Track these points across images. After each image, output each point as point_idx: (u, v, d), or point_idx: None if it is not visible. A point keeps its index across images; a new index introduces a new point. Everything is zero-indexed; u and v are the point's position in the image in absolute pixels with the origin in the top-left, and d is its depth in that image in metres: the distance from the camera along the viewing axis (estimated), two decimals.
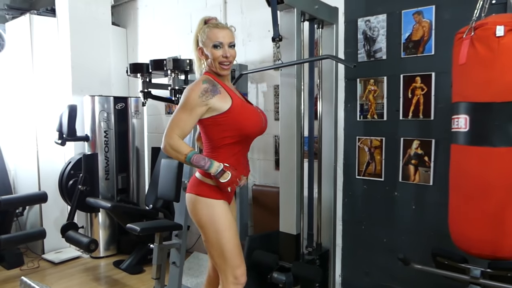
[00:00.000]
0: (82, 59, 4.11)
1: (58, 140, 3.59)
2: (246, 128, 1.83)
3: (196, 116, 1.77)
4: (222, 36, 1.80)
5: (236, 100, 1.83)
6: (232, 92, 1.87)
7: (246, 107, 1.88)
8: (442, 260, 1.85)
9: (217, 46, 1.79)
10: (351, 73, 2.86)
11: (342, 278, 3.03)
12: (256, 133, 1.91)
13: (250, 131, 1.86)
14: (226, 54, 1.79)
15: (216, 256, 1.89)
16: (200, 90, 1.74)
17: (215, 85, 1.80)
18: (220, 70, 1.82)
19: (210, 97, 1.76)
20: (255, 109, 1.94)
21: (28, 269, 3.76)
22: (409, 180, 2.66)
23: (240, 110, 1.82)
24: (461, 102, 1.73)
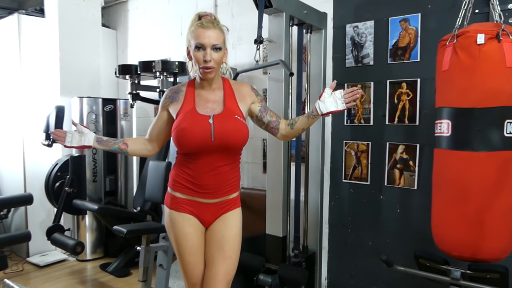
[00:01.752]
0: (71, 60, 4.09)
1: (45, 141, 3.56)
2: (175, 140, 1.66)
3: (161, 120, 1.77)
4: (204, 36, 1.58)
5: (185, 109, 1.67)
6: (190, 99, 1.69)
7: (189, 116, 1.64)
8: (424, 261, 1.88)
9: (199, 47, 1.59)
10: (339, 78, 2.89)
11: (328, 281, 3.05)
12: (191, 148, 1.63)
13: (179, 145, 1.66)
14: (206, 58, 1.57)
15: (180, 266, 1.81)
16: (164, 96, 1.77)
17: (178, 92, 1.73)
18: (202, 74, 1.63)
19: (168, 103, 1.73)
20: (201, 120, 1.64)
21: (12, 273, 3.71)
22: (394, 184, 2.70)
23: (181, 119, 1.65)
24: (444, 108, 1.77)
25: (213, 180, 1.67)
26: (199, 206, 1.71)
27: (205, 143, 1.61)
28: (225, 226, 1.74)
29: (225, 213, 1.76)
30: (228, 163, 1.70)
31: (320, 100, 1.73)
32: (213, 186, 1.68)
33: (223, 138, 1.62)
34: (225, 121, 1.65)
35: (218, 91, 1.72)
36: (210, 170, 1.66)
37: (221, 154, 1.66)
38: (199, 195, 1.69)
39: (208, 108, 1.68)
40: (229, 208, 1.77)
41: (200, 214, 1.72)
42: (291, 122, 1.82)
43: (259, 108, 1.81)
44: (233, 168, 1.74)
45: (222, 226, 1.74)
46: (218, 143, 1.62)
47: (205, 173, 1.66)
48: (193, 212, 1.71)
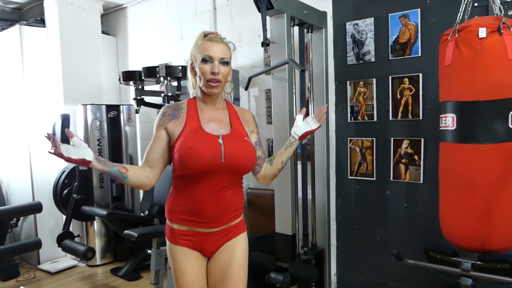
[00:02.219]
0: (73, 69, 4.13)
1: (52, 150, 3.58)
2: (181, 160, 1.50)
3: (159, 141, 1.58)
4: (213, 49, 1.54)
5: (189, 127, 1.55)
6: (194, 116, 1.58)
7: (196, 135, 1.53)
8: (434, 254, 1.91)
9: (206, 60, 1.53)
10: (341, 76, 2.93)
11: (338, 277, 3.08)
12: (198, 170, 1.50)
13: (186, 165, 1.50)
14: (214, 70, 1.51)
15: None
16: (160, 115, 1.61)
17: (178, 109, 1.60)
18: (207, 88, 1.54)
19: (167, 121, 1.58)
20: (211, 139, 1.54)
21: (24, 280, 3.74)
22: (400, 179, 2.73)
23: (186, 136, 1.53)
24: (448, 102, 1.80)
25: (214, 206, 1.55)
26: (200, 236, 1.58)
27: (214, 164, 1.50)
28: (229, 256, 1.63)
29: (228, 240, 1.64)
30: (232, 186, 1.58)
31: (294, 127, 1.78)
32: (215, 214, 1.56)
33: (233, 160, 1.53)
34: (234, 142, 1.56)
35: (222, 111, 1.65)
36: (212, 195, 1.54)
37: (226, 177, 1.55)
38: (200, 225, 1.56)
39: (214, 127, 1.58)
40: (233, 235, 1.64)
41: (202, 244, 1.60)
42: (270, 159, 1.77)
43: (255, 140, 1.72)
44: (237, 192, 1.63)
45: (226, 255, 1.62)
46: (228, 164, 1.52)
47: (206, 198, 1.54)
48: (193, 244, 1.59)
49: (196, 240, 1.59)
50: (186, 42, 3.91)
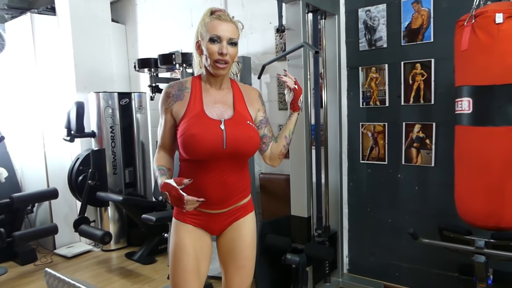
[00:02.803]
0: (84, 57, 4.17)
1: (67, 137, 3.66)
2: (183, 146, 1.50)
3: (168, 124, 1.57)
4: (221, 29, 1.48)
5: (192, 110, 1.53)
6: (197, 99, 1.55)
7: (198, 120, 1.51)
8: (448, 233, 1.98)
9: (214, 40, 1.47)
10: (353, 61, 2.97)
11: (349, 258, 3.17)
12: (201, 156, 1.49)
13: (188, 151, 1.50)
14: (223, 51, 1.47)
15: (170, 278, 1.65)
16: (164, 95, 1.57)
17: (182, 89, 1.56)
18: (214, 69, 1.51)
19: (172, 103, 1.55)
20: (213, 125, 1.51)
21: (42, 264, 3.84)
22: (411, 163, 2.79)
23: (186, 122, 1.50)
24: (464, 86, 1.85)
25: (220, 190, 1.54)
26: (207, 216, 1.59)
27: (216, 151, 1.48)
28: (237, 235, 1.63)
29: (236, 220, 1.63)
30: (236, 170, 1.56)
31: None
32: (220, 197, 1.55)
33: (235, 146, 1.50)
34: (237, 128, 1.53)
35: (227, 91, 1.61)
36: (217, 180, 1.53)
37: (230, 162, 1.53)
38: (207, 207, 1.55)
39: (217, 110, 1.56)
40: (240, 215, 1.64)
41: (208, 224, 1.61)
42: (275, 137, 1.72)
43: (261, 118, 1.68)
44: (242, 175, 1.60)
45: (234, 234, 1.63)
46: (230, 151, 1.50)
47: (212, 183, 1.53)
48: (200, 223, 1.60)
49: (203, 219, 1.59)
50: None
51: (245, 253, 1.65)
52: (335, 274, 3.02)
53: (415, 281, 2.85)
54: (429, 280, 2.78)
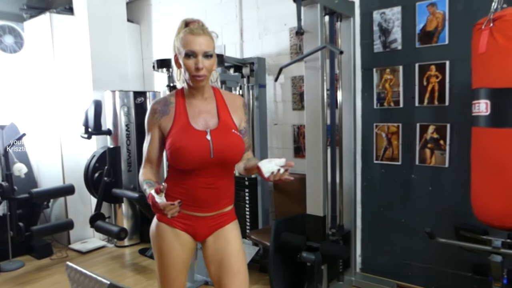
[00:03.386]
0: (101, 56, 4.24)
1: (84, 135, 3.74)
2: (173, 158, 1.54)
3: (155, 139, 1.60)
4: (195, 43, 1.50)
5: (178, 123, 1.57)
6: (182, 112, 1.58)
7: (184, 132, 1.55)
8: (465, 233, 2.02)
9: (190, 55, 1.50)
10: (368, 63, 3.01)
11: (362, 257, 3.20)
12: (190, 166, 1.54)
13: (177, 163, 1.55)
14: (198, 65, 1.50)
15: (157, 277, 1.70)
16: (151, 112, 1.60)
17: (167, 104, 1.60)
18: (193, 83, 1.55)
19: (159, 118, 1.58)
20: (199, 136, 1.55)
21: (57, 259, 3.92)
22: (425, 163, 2.83)
23: (173, 135, 1.55)
24: (482, 88, 1.89)
25: (209, 194, 1.60)
26: (193, 219, 1.62)
27: (203, 160, 1.53)
28: (226, 241, 1.65)
29: (221, 227, 1.67)
30: (223, 176, 1.63)
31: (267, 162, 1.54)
32: (209, 201, 1.61)
33: (222, 155, 1.55)
34: (222, 137, 1.57)
35: (210, 100, 1.64)
36: (206, 185, 1.58)
37: (218, 168, 1.59)
38: (194, 209, 1.61)
39: (202, 121, 1.59)
40: (225, 222, 1.68)
41: (194, 227, 1.63)
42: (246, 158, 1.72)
43: (242, 128, 1.70)
44: (229, 181, 1.67)
45: (222, 242, 1.65)
46: (217, 159, 1.55)
47: (201, 188, 1.58)
48: (186, 226, 1.62)
49: (190, 223, 1.62)
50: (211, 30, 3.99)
51: (238, 257, 1.66)
52: (348, 273, 3.06)
53: (428, 280, 2.88)
54: (443, 279, 2.81)
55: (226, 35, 3.89)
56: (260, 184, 3.50)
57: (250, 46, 3.73)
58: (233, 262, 1.63)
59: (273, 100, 3.62)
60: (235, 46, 3.83)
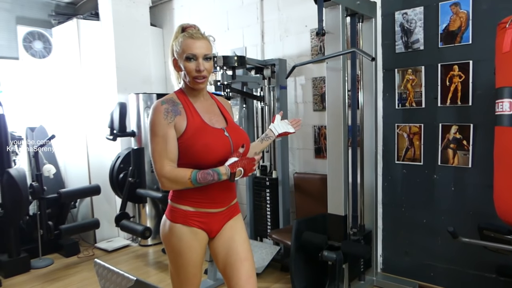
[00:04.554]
0: (125, 60, 4.36)
1: (110, 136, 3.85)
2: (196, 156, 1.58)
3: (173, 138, 1.58)
4: (196, 47, 1.58)
5: (193, 123, 1.61)
6: (193, 112, 1.64)
7: (204, 130, 1.60)
8: (489, 233, 2.01)
9: (190, 58, 1.58)
10: (390, 63, 3.02)
11: (383, 258, 3.20)
12: (214, 162, 1.59)
13: (202, 160, 1.58)
14: (200, 68, 1.58)
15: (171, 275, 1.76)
16: (162, 112, 1.58)
17: (176, 104, 1.62)
18: (194, 85, 1.62)
19: (173, 117, 1.59)
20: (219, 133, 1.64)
21: (84, 257, 4.05)
22: (448, 163, 2.81)
23: (193, 134, 1.59)
24: (506, 87, 1.88)
25: (223, 189, 1.67)
26: (209, 216, 1.67)
27: (225, 156, 1.60)
28: (233, 232, 1.73)
29: (229, 220, 1.74)
30: None
31: (274, 124, 1.95)
32: (223, 195, 1.68)
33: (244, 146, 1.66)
34: (236, 133, 1.68)
35: (210, 101, 1.74)
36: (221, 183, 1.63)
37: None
38: (210, 205, 1.66)
39: (213, 119, 1.67)
40: (232, 214, 1.75)
41: (210, 224, 1.68)
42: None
43: None
44: None
45: (229, 232, 1.72)
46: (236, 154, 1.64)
47: (216, 185, 1.62)
48: (202, 224, 1.66)
49: (206, 221, 1.66)
50: (233, 32, 4.07)
51: (245, 246, 1.73)
52: (369, 273, 3.06)
53: (451, 281, 2.86)
54: (465, 280, 2.79)
55: (248, 37, 3.94)
56: (281, 185, 3.54)
57: (271, 47, 3.77)
58: (240, 250, 1.70)
59: (293, 101, 3.66)
60: (256, 48, 3.88)
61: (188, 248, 1.64)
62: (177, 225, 1.64)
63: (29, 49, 4.44)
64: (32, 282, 3.49)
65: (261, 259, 3.41)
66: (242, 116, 3.36)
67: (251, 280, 1.68)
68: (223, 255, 1.71)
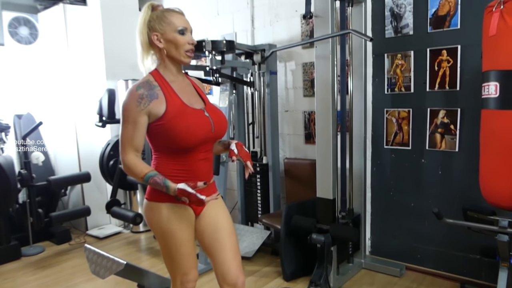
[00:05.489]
0: (113, 46, 4.30)
1: (99, 123, 3.82)
2: (178, 138, 1.56)
3: (142, 127, 1.57)
4: (185, 21, 1.63)
5: (173, 105, 1.58)
6: (172, 93, 1.61)
7: (184, 112, 1.59)
8: (472, 214, 2.06)
9: (183, 32, 1.60)
10: (379, 48, 3.02)
11: (372, 241, 3.25)
12: (195, 143, 1.60)
13: (184, 142, 1.57)
14: (193, 41, 1.63)
15: (165, 259, 1.75)
16: (136, 98, 1.54)
17: (152, 87, 1.58)
18: (185, 58, 1.63)
19: (147, 103, 1.55)
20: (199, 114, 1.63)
21: (76, 244, 4.05)
22: (435, 148, 2.85)
23: (173, 116, 1.56)
24: (492, 71, 1.90)
25: (205, 167, 1.69)
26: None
27: (207, 136, 1.62)
28: (216, 209, 1.75)
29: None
30: (211, 149, 1.73)
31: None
32: (205, 173, 1.68)
33: (220, 129, 1.68)
34: (215, 112, 1.69)
35: (187, 82, 1.73)
36: (203, 158, 1.67)
37: (211, 143, 1.70)
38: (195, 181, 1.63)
39: (191, 100, 1.66)
40: (213, 192, 1.77)
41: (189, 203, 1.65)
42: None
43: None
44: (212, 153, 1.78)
45: (213, 209, 1.74)
46: (216, 134, 1.66)
47: (199, 162, 1.65)
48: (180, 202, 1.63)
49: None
50: (223, 17, 4.03)
51: (230, 221, 1.77)
52: (358, 255, 3.12)
53: (437, 263, 2.92)
54: (451, 261, 2.85)
55: (238, 22, 3.92)
56: (271, 170, 3.55)
57: (261, 33, 3.75)
58: (226, 225, 1.74)
59: (284, 87, 3.65)
60: (246, 33, 3.86)
61: (178, 226, 1.63)
62: (163, 204, 1.62)
63: (15, 35, 4.36)
64: (23, 269, 3.49)
65: (251, 243, 3.44)
66: (231, 102, 3.35)
67: (238, 254, 1.74)
68: (209, 232, 1.71)
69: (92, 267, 2.71)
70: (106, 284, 3.04)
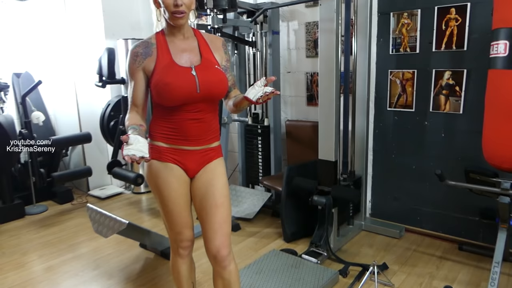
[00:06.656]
0: (112, 4, 4.18)
1: (99, 83, 3.76)
2: (160, 95, 1.56)
3: (140, 83, 1.61)
4: None
5: (161, 62, 1.59)
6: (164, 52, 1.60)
7: (168, 70, 1.57)
8: (474, 175, 2.05)
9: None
10: (385, 7, 2.92)
11: (372, 203, 3.28)
12: (177, 101, 1.57)
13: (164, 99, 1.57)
14: (178, 2, 1.51)
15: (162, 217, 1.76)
16: (132, 56, 1.60)
17: (148, 46, 1.61)
18: (173, 20, 1.56)
19: (142, 61, 1.59)
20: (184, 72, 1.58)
21: (78, 204, 4.10)
22: (439, 110, 2.81)
23: (159, 74, 1.57)
24: (502, 28, 1.83)
25: (196, 127, 1.64)
26: (184, 153, 1.66)
27: (190, 95, 1.57)
28: (212, 175, 1.70)
29: (209, 162, 1.71)
30: (209, 111, 1.67)
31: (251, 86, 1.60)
32: (197, 133, 1.65)
33: (208, 89, 1.60)
34: (206, 72, 1.62)
35: (191, 40, 1.67)
36: (193, 119, 1.62)
37: (203, 104, 1.63)
38: (183, 142, 1.64)
39: (186, 58, 1.62)
40: (212, 157, 1.72)
41: (185, 161, 1.67)
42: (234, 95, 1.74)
43: (223, 66, 1.73)
44: (214, 115, 1.71)
45: (209, 175, 1.70)
46: (203, 94, 1.59)
47: (188, 122, 1.62)
48: (177, 160, 1.66)
49: (180, 157, 1.65)
50: None
51: (222, 191, 1.70)
52: (358, 217, 3.15)
53: (436, 224, 2.96)
54: (450, 223, 2.88)
55: None
56: (272, 132, 3.54)
57: None
58: (217, 195, 1.68)
59: (286, 47, 3.57)
60: None
61: (165, 183, 1.65)
62: (153, 161, 1.65)
63: None
64: (27, 227, 3.55)
65: (252, 205, 3.48)
66: (233, 63, 3.28)
67: (224, 226, 1.68)
68: (200, 198, 1.70)
69: (95, 226, 2.76)
70: (109, 242, 3.10)
